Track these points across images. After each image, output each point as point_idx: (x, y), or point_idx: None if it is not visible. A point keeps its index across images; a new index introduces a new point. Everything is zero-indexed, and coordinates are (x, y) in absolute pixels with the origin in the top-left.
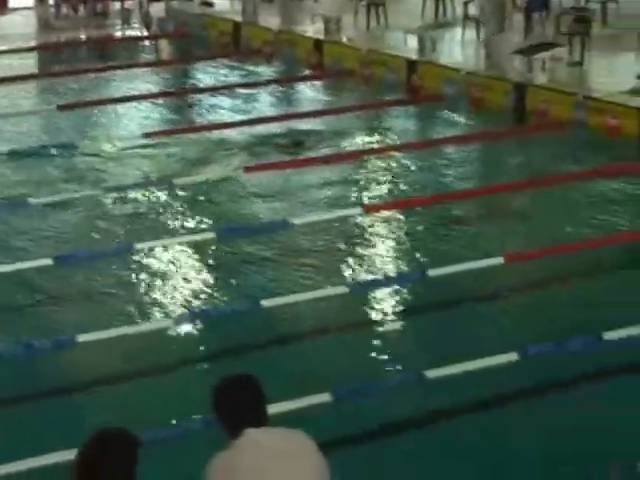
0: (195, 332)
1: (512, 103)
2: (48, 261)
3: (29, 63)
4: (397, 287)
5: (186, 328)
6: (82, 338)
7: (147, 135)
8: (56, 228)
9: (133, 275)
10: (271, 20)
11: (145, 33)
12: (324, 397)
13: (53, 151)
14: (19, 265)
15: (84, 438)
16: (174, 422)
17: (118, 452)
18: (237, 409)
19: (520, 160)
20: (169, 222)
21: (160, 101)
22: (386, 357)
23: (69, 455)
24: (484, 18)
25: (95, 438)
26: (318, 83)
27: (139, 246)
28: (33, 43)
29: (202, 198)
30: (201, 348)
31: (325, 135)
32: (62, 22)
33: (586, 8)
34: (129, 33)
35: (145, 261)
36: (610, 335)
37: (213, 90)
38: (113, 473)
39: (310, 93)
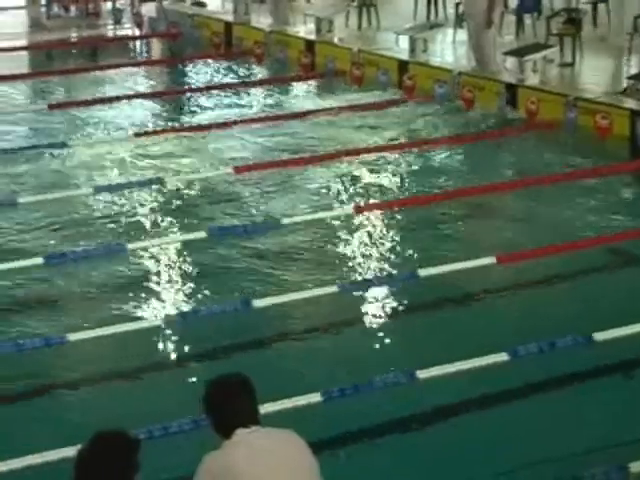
0: (186, 332)
1: (504, 103)
2: (39, 260)
3: (20, 62)
4: (388, 287)
5: (177, 327)
6: (73, 337)
7: (138, 135)
8: (46, 227)
9: (124, 274)
10: (263, 20)
11: (137, 33)
12: (314, 397)
13: (43, 150)
14: (9, 265)
15: (74, 436)
16: (164, 421)
17: (116, 454)
18: (229, 409)
19: (511, 160)
20: (160, 222)
21: (151, 101)
22: (376, 357)
23: (60, 454)
24: (469, 14)
25: (93, 440)
26: (310, 83)
27: (130, 246)
28: (24, 42)
29: (193, 198)
30: (192, 347)
31: (315, 135)
32: (53, 21)
33: (577, 9)
34: (120, 33)
35: (136, 260)
36: (601, 336)
37: (204, 90)
38: (111, 476)
39: (301, 93)
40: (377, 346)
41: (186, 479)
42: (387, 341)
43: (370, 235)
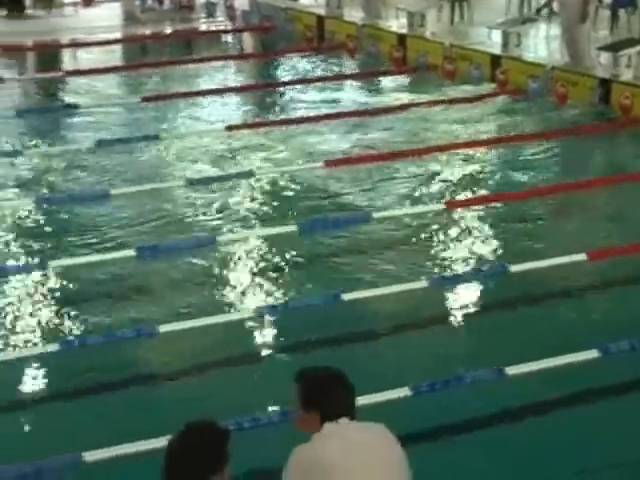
0: (275, 324)
1: (597, 99)
2: (131, 252)
3: (115, 55)
4: (478, 282)
5: (266, 320)
6: (164, 328)
7: (230, 128)
8: (138, 219)
9: (214, 267)
10: (355, 14)
11: (230, 26)
12: (403, 391)
13: (137, 143)
14: (101, 256)
15: (165, 427)
16: (254, 412)
17: (207, 445)
18: (324, 401)
19: (604, 157)
20: (251, 214)
21: (243, 94)
22: (465, 352)
23: (151, 444)
24: (563, 8)
25: (184, 431)
26: (401, 77)
27: (221, 238)
28: (118, 35)
29: (283, 191)
30: (281, 340)
31: (407, 129)
32: (147, 15)
33: None
34: (214, 26)
35: (227, 253)
36: None
37: (296, 83)
38: (201, 466)
39: (393, 87)
40: (466, 341)
41: (276, 471)
42: (476, 336)
43: (461, 230)
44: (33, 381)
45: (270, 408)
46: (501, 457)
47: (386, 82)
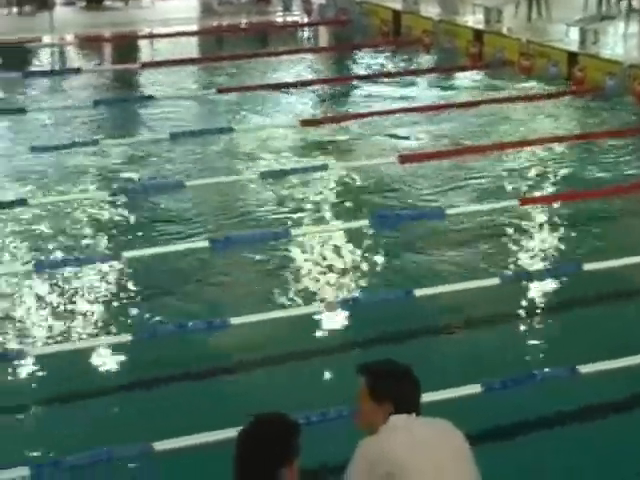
0: (347, 318)
1: None
2: (204, 243)
3: (191, 47)
4: (551, 280)
5: (337, 314)
6: (235, 320)
7: (305, 122)
8: (212, 211)
9: (286, 260)
10: (431, 10)
11: (306, 19)
12: (475, 388)
13: (211, 134)
14: (175, 247)
15: (234, 419)
16: (323, 406)
17: (276, 437)
18: (396, 394)
19: None
20: (324, 208)
21: (318, 87)
22: (537, 349)
23: (221, 435)
24: None
25: (255, 423)
26: (477, 73)
27: (294, 231)
28: (195, 27)
29: (357, 185)
30: (352, 335)
31: (482, 125)
32: (224, 7)
33: None
34: (290, 19)
35: (299, 246)
36: None
37: (372, 78)
38: (271, 457)
39: (469, 83)
40: (538, 338)
41: (343, 465)
42: (548, 334)
43: (534, 228)
44: (106, 370)
45: (338, 402)
46: (573, 456)
47: (462, 77)
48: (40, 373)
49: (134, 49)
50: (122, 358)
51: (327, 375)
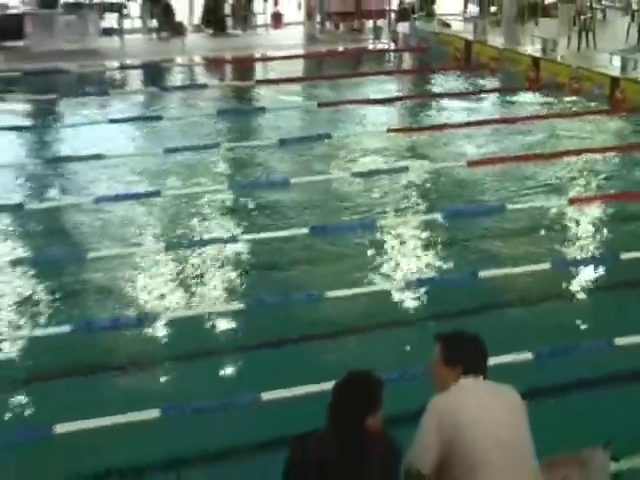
0: (423, 295)
1: None
2: (305, 230)
3: (297, 68)
4: (594, 266)
5: (414, 292)
6: (329, 294)
7: (390, 131)
8: (312, 203)
9: (372, 245)
10: (497, 40)
11: (392, 46)
12: (526, 355)
13: (313, 141)
14: (282, 233)
15: (329, 376)
16: (402, 367)
17: (364, 389)
18: (465, 358)
19: None
20: (404, 202)
21: (401, 103)
22: (580, 324)
23: (318, 388)
24: None
25: (347, 377)
26: (534, 93)
27: (379, 222)
28: (301, 52)
29: (432, 184)
30: (426, 309)
31: (538, 136)
32: (325, 36)
33: None
34: (379, 46)
35: (384, 234)
36: None
37: (445, 96)
38: (359, 406)
39: (527, 101)
40: (582, 315)
41: (417, 415)
42: (589, 309)
43: (582, 223)
44: (223, 334)
45: (414, 364)
46: (604, 420)
47: (521, 97)
48: (171, 335)
49: (250, 69)
50: (236, 323)
51: (406, 341)
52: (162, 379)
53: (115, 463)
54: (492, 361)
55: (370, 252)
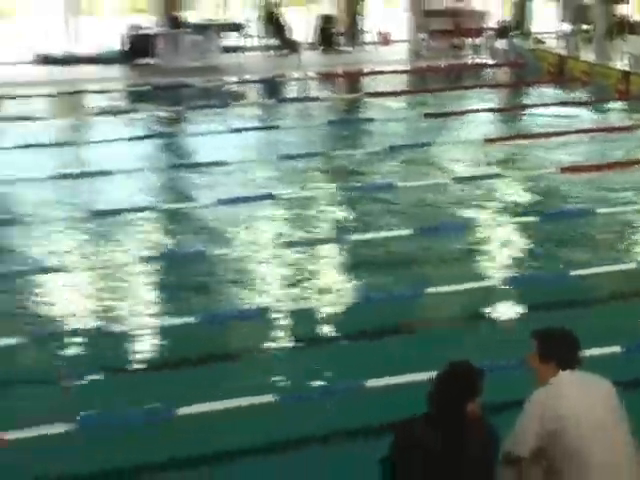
0: (520, 291)
1: None
2: (409, 231)
3: (403, 82)
4: None
5: (513, 288)
6: (430, 290)
7: (488, 140)
8: (416, 205)
9: (468, 244)
10: (589, 55)
11: (491, 62)
12: (615, 349)
13: (418, 147)
14: (386, 233)
15: (428, 365)
16: (499, 358)
17: (465, 378)
18: (559, 354)
19: None
20: (500, 206)
21: (499, 114)
22: None
23: (419, 377)
24: None
25: (449, 367)
26: (624, 104)
27: (476, 223)
28: (407, 67)
29: (526, 189)
30: (522, 304)
31: (629, 145)
32: (429, 52)
33: None
34: (478, 61)
35: (480, 235)
36: None
37: (539, 107)
38: (460, 394)
39: (617, 112)
40: None
41: (519, 403)
42: None
43: None
44: (333, 325)
45: (510, 356)
46: None
47: (611, 108)
48: (280, 325)
49: (359, 82)
50: (344, 316)
51: (502, 332)
52: (278, 367)
53: (231, 445)
54: (585, 353)
55: (467, 251)
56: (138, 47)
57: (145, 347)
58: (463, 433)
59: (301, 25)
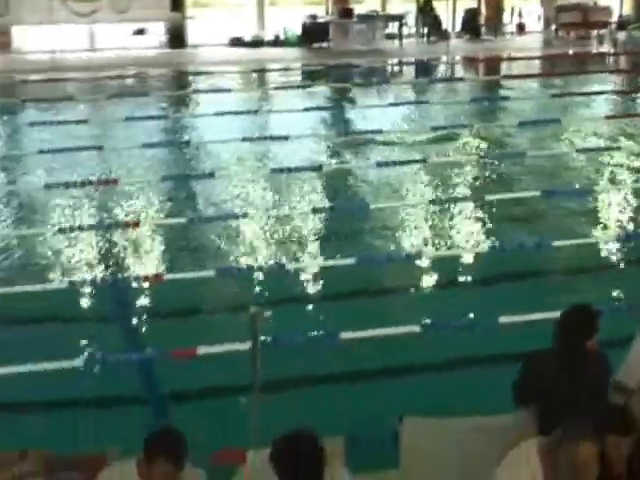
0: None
1: None
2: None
3: (535, 66)
4: None
5: (623, 243)
6: (558, 243)
7: (608, 117)
8: (543, 171)
9: (592, 205)
10: None
11: (612, 50)
12: None
13: (545, 123)
14: (513, 195)
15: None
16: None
17: (586, 319)
18: None
19: None
20: (619, 174)
21: (619, 95)
22: None
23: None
24: None
25: (571, 309)
26: None
27: (595, 189)
28: (538, 54)
29: None
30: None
31: None
32: (558, 41)
33: None
34: (601, 50)
35: (598, 200)
36: None
37: None
38: (583, 332)
39: None
40: None
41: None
42: None
43: None
44: (472, 270)
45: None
46: None
47: None
48: (426, 268)
49: (498, 66)
50: (478, 262)
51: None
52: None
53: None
54: None
55: (587, 210)
56: (314, 33)
57: (315, 282)
58: (584, 362)
59: (450, 16)
